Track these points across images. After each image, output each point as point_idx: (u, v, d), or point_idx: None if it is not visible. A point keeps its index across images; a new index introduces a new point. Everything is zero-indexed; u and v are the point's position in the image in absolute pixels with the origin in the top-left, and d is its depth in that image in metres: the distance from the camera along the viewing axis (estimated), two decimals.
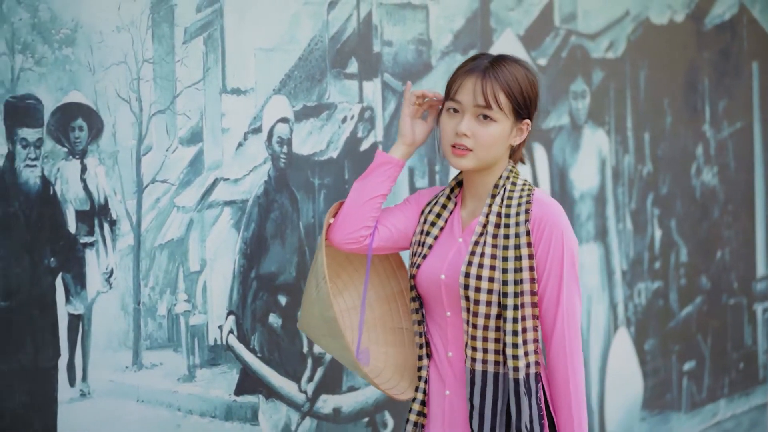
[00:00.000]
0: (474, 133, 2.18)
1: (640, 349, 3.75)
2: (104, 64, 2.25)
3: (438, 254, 2.26)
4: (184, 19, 2.40)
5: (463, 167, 2.23)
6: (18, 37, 2.12)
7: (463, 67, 2.24)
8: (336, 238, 2.31)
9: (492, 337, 2.18)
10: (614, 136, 3.61)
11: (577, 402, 2.18)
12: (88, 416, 2.24)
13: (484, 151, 2.20)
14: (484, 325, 2.18)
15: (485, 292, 2.17)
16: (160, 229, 2.37)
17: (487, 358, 2.19)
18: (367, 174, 2.32)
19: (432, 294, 2.26)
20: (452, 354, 2.25)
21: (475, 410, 2.19)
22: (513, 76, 2.20)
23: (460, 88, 2.20)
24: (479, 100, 2.18)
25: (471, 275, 2.18)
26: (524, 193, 2.22)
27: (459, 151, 2.20)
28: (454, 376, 2.25)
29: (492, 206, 2.22)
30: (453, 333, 2.24)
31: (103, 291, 2.27)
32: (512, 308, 2.15)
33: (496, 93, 2.17)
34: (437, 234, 2.28)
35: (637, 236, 3.73)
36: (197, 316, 2.44)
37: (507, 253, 2.17)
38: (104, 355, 2.27)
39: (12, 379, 2.12)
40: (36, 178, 2.16)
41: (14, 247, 2.12)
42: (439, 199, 2.32)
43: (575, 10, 3.44)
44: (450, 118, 2.22)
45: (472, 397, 2.19)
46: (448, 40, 3.03)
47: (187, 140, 2.42)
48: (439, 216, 2.30)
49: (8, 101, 2.11)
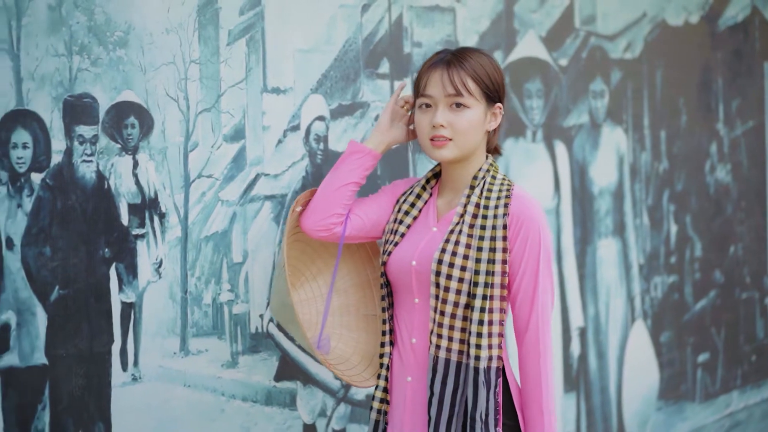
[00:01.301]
0: (450, 123, 2.21)
1: (657, 341, 3.86)
2: (154, 65, 2.36)
3: (410, 242, 2.28)
4: (228, 21, 2.51)
5: (445, 158, 2.25)
6: (75, 39, 2.24)
7: (428, 63, 2.28)
8: (306, 225, 2.36)
9: (458, 326, 2.19)
10: (632, 134, 3.72)
11: (547, 397, 2.19)
12: (139, 399, 2.35)
13: (462, 138, 2.22)
14: (452, 313, 2.19)
15: (456, 280, 2.18)
16: (205, 222, 2.48)
17: (451, 347, 2.20)
18: (338, 163, 2.36)
19: (402, 280, 2.28)
20: (416, 341, 2.27)
21: (434, 397, 2.20)
22: (477, 63, 2.23)
23: (428, 82, 2.24)
24: (449, 89, 2.21)
25: (444, 262, 2.19)
26: (504, 188, 2.24)
27: (438, 142, 2.22)
28: (417, 362, 2.26)
29: (471, 197, 2.24)
30: (419, 320, 2.26)
31: (153, 280, 2.39)
32: (481, 297, 2.17)
33: (464, 80, 2.21)
34: (410, 223, 2.31)
35: (654, 231, 3.84)
36: (240, 305, 2.55)
37: (482, 244, 2.19)
38: (154, 342, 2.38)
39: (70, 363, 2.24)
40: (92, 173, 2.27)
41: (72, 238, 2.24)
42: (414, 189, 2.36)
43: (595, 12, 3.55)
44: (423, 114, 2.26)
45: (432, 384, 2.20)
46: (474, 42, 3.14)
47: (231, 137, 2.53)
48: (413, 206, 2.33)
49: (66, 100, 2.22)
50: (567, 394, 3.49)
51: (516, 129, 3.29)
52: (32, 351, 2.19)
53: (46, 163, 2.20)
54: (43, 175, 2.19)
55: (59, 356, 2.22)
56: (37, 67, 2.17)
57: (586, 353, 3.55)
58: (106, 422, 2.30)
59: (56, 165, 2.21)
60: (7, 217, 2.14)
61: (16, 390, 2.16)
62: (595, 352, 3.58)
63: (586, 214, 3.53)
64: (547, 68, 3.37)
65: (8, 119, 2.14)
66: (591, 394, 3.57)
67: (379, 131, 2.39)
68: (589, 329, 3.55)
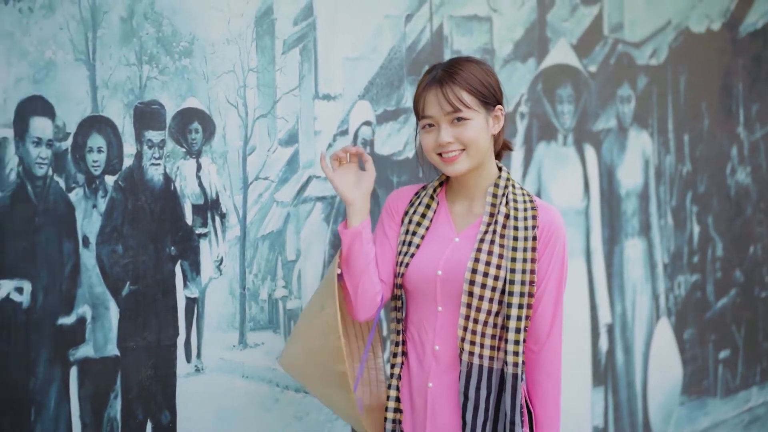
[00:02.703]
0: (456, 138, 2.25)
1: (680, 338, 3.98)
2: (216, 73, 2.50)
3: (430, 251, 2.30)
4: (283, 31, 2.65)
5: (459, 171, 2.27)
6: (145, 50, 2.37)
7: (422, 84, 2.31)
8: (361, 317, 2.36)
9: (489, 333, 2.24)
10: (657, 138, 3.85)
11: (560, 395, 2.34)
12: (201, 389, 2.49)
13: (473, 148, 2.25)
14: (485, 320, 2.24)
15: (489, 289, 2.22)
16: (262, 222, 2.62)
17: (483, 353, 2.25)
18: (346, 255, 2.34)
19: (423, 290, 2.30)
20: (439, 347, 2.28)
21: (469, 402, 2.24)
22: (468, 73, 2.25)
23: (426, 104, 2.27)
24: (446, 107, 2.24)
25: (478, 272, 2.23)
26: (527, 198, 2.30)
27: (449, 158, 2.26)
28: (439, 369, 2.29)
29: (497, 206, 2.28)
30: (443, 327, 2.28)
31: (214, 277, 2.52)
32: (517, 306, 2.23)
33: (458, 95, 2.23)
34: (423, 233, 2.33)
35: (677, 231, 3.96)
36: (293, 301, 2.68)
37: (515, 255, 2.24)
38: (215, 335, 2.52)
39: (139, 354, 2.38)
40: (159, 176, 2.41)
41: (141, 237, 2.37)
42: (422, 199, 2.38)
43: (622, 20, 3.68)
44: (428, 134, 2.29)
45: (467, 390, 2.25)
46: (509, 49, 3.27)
47: (285, 141, 2.67)
48: (424, 216, 2.35)
49: (137, 106, 2.36)
50: (595, 388, 3.62)
51: (548, 133, 3.42)
52: (105, 343, 2.32)
53: (118, 166, 2.33)
54: (115, 177, 2.33)
55: (130, 348, 2.36)
56: (110, 76, 2.31)
57: (614, 349, 3.68)
58: (172, 411, 2.43)
59: (128, 168, 2.35)
60: (83, 217, 2.28)
61: (90, 380, 2.30)
62: (622, 348, 3.71)
63: (613, 215, 3.66)
64: (577, 74, 3.50)
65: (85, 125, 2.28)
66: (618, 389, 3.71)
67: (353, 210, 2.35)
68: (616, 326, 3.68)
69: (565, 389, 3.50)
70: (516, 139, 3.31)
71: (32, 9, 2.20)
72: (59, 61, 2.23)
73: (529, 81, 3.33)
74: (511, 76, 3.27)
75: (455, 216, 2.35)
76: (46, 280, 2.23)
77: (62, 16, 2.24)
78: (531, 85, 3.34)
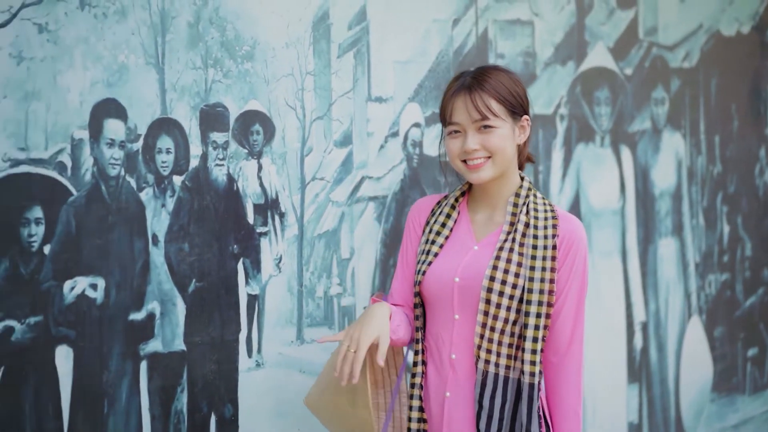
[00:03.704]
0: (482, 145, 2.25)
1: (710, 336, 4.05)
2: (276, 76, 2.58)
3: (448, 259, 2.29)
4: (339, 36, 2.72)
5: (484, 179, 2.27)
6: (210, 54, 2.45)
7: (450, 90, 2.31)
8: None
9: (506, 341, 2.22)
10: (689, 139, 3.92)
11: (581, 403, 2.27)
12: (261, 384, 2.56)
13: (498, 156, 2.25)
14: (502, 329, 2.22)
15: (507, 297, 2.20)
16: (318, 221, 2.69)
17: (499, 362, 2.22)
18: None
19: (441, 297, 2.28)
20: (456, 356, 2.26)
21: (483, 411, 2.21)
22: (497, 82, 2.26)
23: (454, 110, 2.26)
24: (474, 115, 2.24)
25: (496, 279, 2.21)
26: (548, 207, 2.29)
27: (475, 165, 2.25)
28: (456, 378, 2.26)
29: (518, 215, 2.27)
30: (459, 336, 2.26)
31: (274, 275, 2.60)
32: (535, 316, 2.20)
33: (487, 103, 2.23)
34: (442, 242, 2.32)
35: (708, 231, 4.03)
36: (347, 298, 2.76)
37: (534, 263, 2.22)
38: (274, 331, 2.59)
39: (204, 349, 2.45)
40: (223, 176, 2.48)
41: (206, 235, 2.45)
42: (443, 209, 2.37)
43: (657, 23, 3.75)
44: (454, 140, 2.28)
45: (481, 399, 2.22)
46: (550, 53, 3.34)
47: (340, 143, 2.74)
48: (444, 225, 2.34)
49: (202, 109, 2.44)
50: (630, 385, 3.69)
51: (586, 134, 3.49)
52: (173, 338, 2.40)
53: (185, 166, 2.41)
54: (182, 177, 2.40)
55: (195, 343, 2.43)
56: (178, 79, 2.39)
57: (648, 347, 3.75)
58: (234, 404, 2.51)
59: (194, 168, 2.42)
60: (153, 216, 2.35)
61: (159, 373, 2.38)
62: (655, 345, 3.78)
63: (648, 215, 3.73)
64: (614, 77, 3.57)
65: (154, 127, 2.35)
66: (652, 386, 3.77)
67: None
68: (650, 324, 3.76)
69: (601, 386, 3.58)
70: (556, 141, 3.38)
71: (106, 14, 2.27)
72: (131, 64, 2.30)
73: (568, 83, 3.41)
74: (551, 79, 3.35)
75: (476, 225, 2.34)
76: (119, 277, 2.30)
77: (134, 22, 2.31)
78: (570, 87, 3.41)
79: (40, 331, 2.19)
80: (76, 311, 2.24)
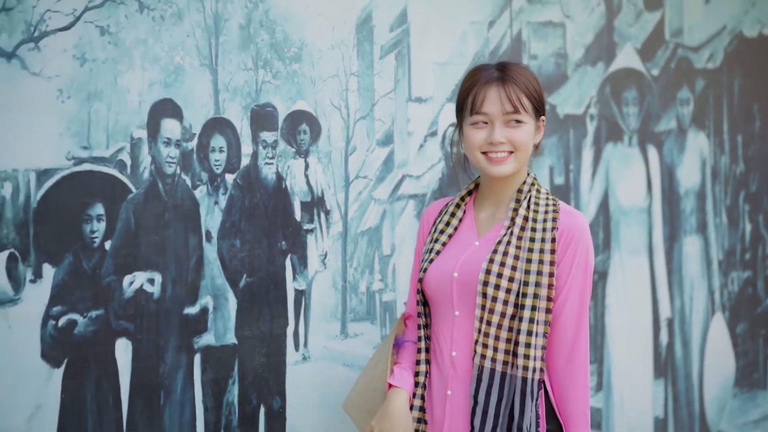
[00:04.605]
0: (509, 139, 2.20)
1: (733, 333, 4.12)
2: (322, 77, 2.64)
3: (449, 255, 2.25)
4: (381, 37, 2.79)
5: (504, 173, 2.22)
6: (260, 55, 2.52)
7: (476, 79, 2.24)
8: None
9: (504, 336, 2.17)
10: (713, 139, 3.99)
11: (588, 402, 2.21)
12: (307, 377, 2.63)
13: (521, 152, 2.21)
14: (498, 323, 2.17)
15: (504, 291, 2.16)
16: (361, 219, 2.76)
17: (496, 357, 2.17)
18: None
19: (441, 294, 2.24)
20: (456, 354, 2.22)
21: (478, 407, 2.17)
22: (526, 78, 2.22)
23: (485, 100, 2.20)
24: (507, 107, 2.19)
25: (492, 272, 2.17)
26: (550, 202, 2.25)
27: (498, 158, 2.21)
28: (457, 376, 2.22)
29: (518, 210, 2.23)
30: (459, 333, 2.22)
31: (319, 270, 2.66)
32: (529, 309, 2.15)
33: (519, 97, 2.20)
34: (446, 241, 2.28)
35: (731, 229, 4.10)
36: (388, 294, 2.82)
37: (531, 256, 2.17)
38: (319, 325, 2.66)
39: (254, 343, 2.52)
40: (272, 174, 2.55)
41: (256, 232, 2.52)
42: (448, 209, 2.34)
43: (682, 25, 3.82)
44: (478, 130, 2.22)
45: (477, 394, 2.17)
46: (581, 54, 3.41)
47: (382, 142, 2.81)
48: (448, 224, 2.31)
49: (253, 109, 2.50)
50: (656, 380, 3.75)
51: (615, 134, 3.56)
52: (225, 332, 2.47)
53: (237, 164, 2.48)
54: (234, 175, 2.47)
55: (246, 337, 2.50)
56: (230, 80, 2.46)
57: (673, 342, 3.82)
58: (282, 396, 2.57)
59: (245, 167, 2.49)
60: (206, 213, 2.42)
61: (211, 366, 2.44)
62: (680, 341, 3.85)
63: (673, 213, 3.80)
64: (641, 78, 3.64)
65: (208, 126, 2.42)
66: (677, 381, 3.84)
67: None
68: (675, 320, 3.82)
69: (628, 381, 3.65)
70: (586, 140, 3.44)
71: (163, 17, 2.34)
72: (186, 66, 2.37)
73: (598, 84, 3.47)
74: (582, 80, 3.41)
75: (479, 222, 2.30)
76: (174, 272, 2.37)
77: (189, 24, 2.38)
78: (600, 88, 3.48)
79: (101, 325, 2.26)
80: (135, 305, 2.30)
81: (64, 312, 2.20)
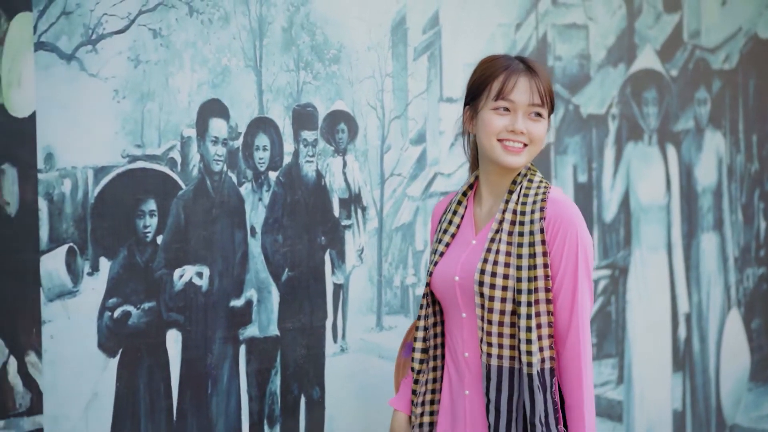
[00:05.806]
0: (528, 131, 2.17)
1: (748, 328, 4.21)
2: (359, 78, 2.73)
3: (451, 257, 2.25)
4: (414, 39, 2.88)
5: (518, 164, 2.19)
6: (302, 57, 2.61)
7: (499, 66, 2.21)
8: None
9: (507, 333, 2.17)
10: (729, 138, 4.08)
11: (588, 399, 2.16)
12: (345, 368, 2.72)
13: (536, 147, 2.20)
14: (499, 321, 2.16)
15: (500, 289, 2.15)
16: (395, 215, 2.85)
17: (502, 354, 2.17)
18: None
19: (447, 296, 2.25)
20: (468, 354, 2.23)
21: (491, 404, 2.17)
22: (546, 75, 2.23)
23: (516, 88, 2.16)
24: (535, 99, 2.17)
25: (486, 272, 2.16)
26: (540, 191, 2.20)
27: (514, 149, 2.18)
28: (472, 376, 2.23)
29: (508, 203, 2.21)
30: (469, 334, 2.23)
31: (356, 265, 2.75)
32: (526, 305, 2.14)
33: (545, 91, 2.19)
34: (449, 240, 2.28)
35: (746, 227, 4.19)
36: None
37: (522, 251, 2.16)
38: (356, 318, 2.75)
39: (295, 335, 2.61)
40: (312, 172, 2.64)
41: (297, 227, 2.61)
42: (451, 206, 2.32)
43: (699, 26, 3.91)
44: (499, 117, 2.17)
45: (488, 392, 2.17)
46: (603, 55, 3.50)
47: (415, 141, 2.90)
48: (451, 222, 2.29)
49: (295, 109, 2.60)
50: (675, 374, 3.85)
51: (635, 133, 3.65)
52: (268, 324, 2.56)
53: (279, 162, 2.57)
54: (277, 173, 2.56)
55: (288, 329, 2.59)
56: (273, 81, 2.55)
57: (691, 337, 3.91)
58: (321, 387, 2.67)
59: (287, 165, 2.58)
60: (251, 209, 2.51)
61: (255, 357, 2.54)
62: (698, 336, 3.94)
63: (691, 211, 3.89)
64: (661, 79, 3.73)
65: (252, 125, 2.51)
66: (695, 375, 3.94)
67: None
68: (693, 315, 3.92)
69: (648, 374, 3.75)
70: (608, 139, 3.53)
71: (211, 20, 2.43)
72: (233, 67, 2.46)
73: (619, 85, 3.56)
74: (605, 80, 3.50)
75: (478, 218, 2.29)
76: (221, 266, 2.46)
77: (235, 27, 2.47)
78: (621, 88, 3.57)
79: (153, 316, 2.35)
80: (185, 297, 2.39)
81: (119, 304, 2.29)
